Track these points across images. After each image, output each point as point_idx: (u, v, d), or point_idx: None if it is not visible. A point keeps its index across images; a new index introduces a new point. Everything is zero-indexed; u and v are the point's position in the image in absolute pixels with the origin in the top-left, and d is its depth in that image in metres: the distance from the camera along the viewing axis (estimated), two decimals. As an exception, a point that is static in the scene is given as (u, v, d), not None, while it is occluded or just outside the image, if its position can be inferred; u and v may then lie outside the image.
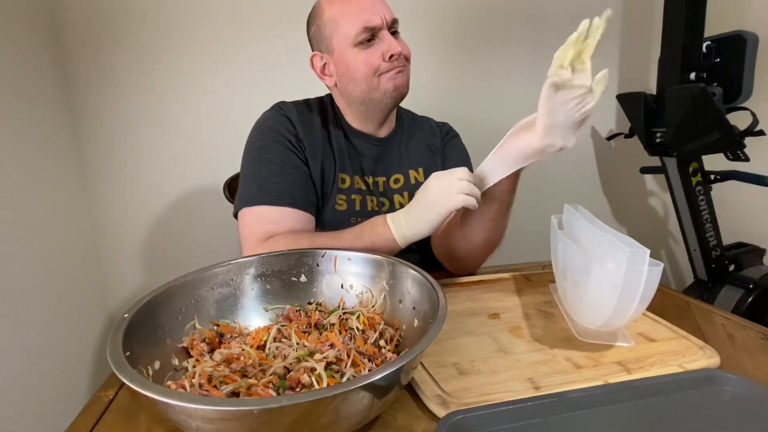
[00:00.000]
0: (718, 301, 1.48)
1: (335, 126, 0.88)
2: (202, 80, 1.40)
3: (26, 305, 1.09)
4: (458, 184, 0.65)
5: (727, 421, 0.45)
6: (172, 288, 0.54)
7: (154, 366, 0.46)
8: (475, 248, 0.80)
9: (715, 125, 1.35)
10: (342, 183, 0.85)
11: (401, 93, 0.83)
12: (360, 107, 0.85)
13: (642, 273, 0.50)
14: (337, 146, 0.86)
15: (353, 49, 0.79)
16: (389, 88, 0.81)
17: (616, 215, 1.90)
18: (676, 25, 1.41)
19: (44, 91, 1.23)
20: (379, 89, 0.81)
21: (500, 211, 0.74)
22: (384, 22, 0.79)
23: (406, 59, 0.82)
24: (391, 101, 0.83)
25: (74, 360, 1.26)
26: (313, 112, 0.88)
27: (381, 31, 0.79)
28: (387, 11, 0.80)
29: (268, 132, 0.83)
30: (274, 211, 0.77)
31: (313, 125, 0.86)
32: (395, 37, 0.81)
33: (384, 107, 0.84)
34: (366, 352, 0.51)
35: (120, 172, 1.40)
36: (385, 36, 0.79)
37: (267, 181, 0.79)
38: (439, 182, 0.67)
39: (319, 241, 0.72)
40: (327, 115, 0.88)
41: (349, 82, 0.82)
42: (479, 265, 0.86)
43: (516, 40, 1.62)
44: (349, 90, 0.83)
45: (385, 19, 0.78)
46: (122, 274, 1.46)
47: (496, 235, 0.79)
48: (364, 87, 0.81)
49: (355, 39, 0.78)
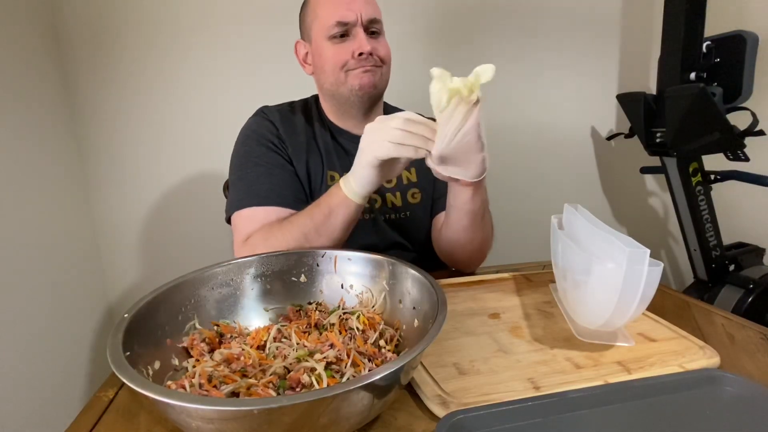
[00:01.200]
0: (718, 301, 1.48)
1: (320, 125, 0.89)
2: (203, 80, 1.40)
3: (26, 305, 1.09)
4: (390, 132, 0.60)
5: (727, 421, 0.45)
6: (172, 288, 0.54)
7: (154, 366, 0.46)
8: (465, 250, 0.82)
9: (715, 125, 1.35)
10: (332, 180, 0.86)
11: (367, 93, 0.82)
12: (332, 101, 0.87)
13: (642, 273, 0.50)
14: (323, 145, 0.87)
15: (327, 41, 0.80)
16: (354, 86, 0.81)
17: (616, 215, 1.90)
18: (676, 25, 1.41)
19: (44, 91, 1.23)
20: (346, 85, 0.81)
21: (473, 220, 0.75)
22: (359, 20, 0.79)
23: (381, 60, 0.82)
24: (357, 99, 0.83)
25: (74, 360, 1.26)
26: (296, 113, 0.89)
27: (355, 28, 0.79)
28: (366, 9, 0.79)
29: (252, 136, 0.85)
30: (260, 212, 0.78)
31: (296, 125, 0.87)
32: (374, 37, 0.82)
33: (352, 104, 0.84)
34: (366, 352, 0.51)
35: (120, 171, 1.40)
36: (358, 33, 0.79)
37: (254, 183, 0.80)
38: (372, 128, 0.63)
39: (286, 224, 0.72)
40: (311, 115, 0.90)
41: (321, 73, 0.84)
42: (477, 263, 0.87)
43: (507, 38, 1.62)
44: (321, 81, 0.85)
45: (360, 17, 0.78)
46: (122, 274, 1.46)
47: (480, 238, 0.80)
48: (332, 80, 0.82)
49: (329, 32, 0.79)
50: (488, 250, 0.86)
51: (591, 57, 1.71)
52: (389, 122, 0.61)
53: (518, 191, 1.72)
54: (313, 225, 0.69)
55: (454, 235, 0.79)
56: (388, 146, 0.60)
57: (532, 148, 1.72)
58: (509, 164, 1.69)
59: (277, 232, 0.72)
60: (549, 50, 1.65)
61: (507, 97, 1.63)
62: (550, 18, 1.63)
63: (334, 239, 0.70)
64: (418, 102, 0.95)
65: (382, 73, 0.83)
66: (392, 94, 0.93)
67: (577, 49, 1.69)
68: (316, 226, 0.69)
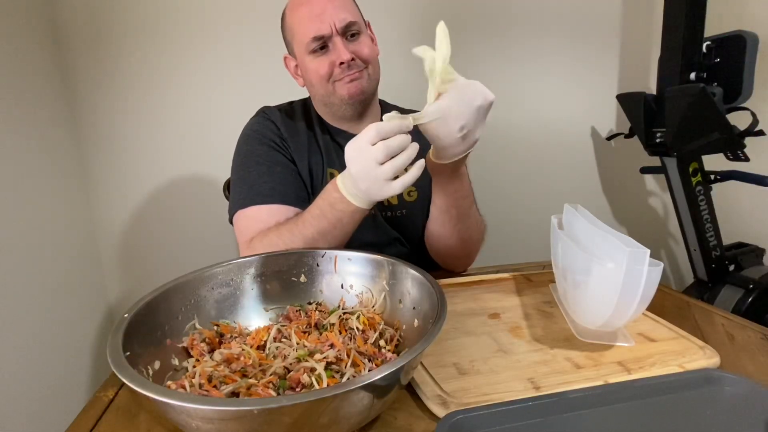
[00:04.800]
0: (718, 301, 1.48)
1: (319, 125, 0.89)
2: (203, 80, 1.40)
3: (26, 305, 1.09)
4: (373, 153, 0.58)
5: (727, 421, 0.45)
6: (172, 288, 0.54)
7: (154, 366, 0.46)
8: (447, 245, 0.83)
9: (715, 125, 1.35)
10: (331, 178, 0.86)
11: (357, 99, 0.82)
12: (325, 108, 0.88)
13: (642, 273, 0.50)
14: (323, 143, 0.87)
15: (308, 56, 0.80)
16: (344, 96, 0.81)
17: (616, 215, 1.90)
18: (676, 25, 1.41)
19: (44, 91, 1.23)
20: (335, 95, 0.82)
21: (453, 213, 0.77)
22: (333, 29, 0.78)
23: (365, 61, 0.81)
24: (348, 106, 0.84)
25: (74, 360, 1.26)
26: (296, 113, 0.90)
27: (332, 38, 0.78)
28: (338, 16, 0.78)
29: (253, 136, 0.85)
30: (264, 210, 0.78)
31: (297, 125, 0.88)
32: (354, 39, 0.81)
33: (345, 111, 0.85)
34: (366, 352, 0.51)
35: (120, 171, 1.40)
36: (336, 43, 0.78)
37: (257, 182, 0.80)
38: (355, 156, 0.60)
39: (286, 227, 0.72)
40: (311, 115, 0.90)
41: (311, 87, 0.85)
42: (463, 260, 0.88)
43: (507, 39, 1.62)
44: (312, 92, 0.87)
45: (334, 27, 0.77)
46: (122, 274, 1.46)
47: (463, 233, 0.81)
48: (322, 92, 0.83)
49: (307, 47, 0.79)
50: (475, 250, 0.87)
51: (591, 57, 1.71)
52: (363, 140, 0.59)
53: (518, 191, 1.72)
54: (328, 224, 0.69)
55: (436, 227, 0.81)
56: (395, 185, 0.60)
57: (531, 148, 1.71)
58: (509, 164, 1.69)
59: (288, 231, 0.71)
60: (549, 50, 1.65)
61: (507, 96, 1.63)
62: (550, 18, 1.63)
63: (342, 241, 0.71)
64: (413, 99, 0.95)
65: (368, 74, 0.82)
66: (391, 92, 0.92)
67: (577, 49, 1.69)
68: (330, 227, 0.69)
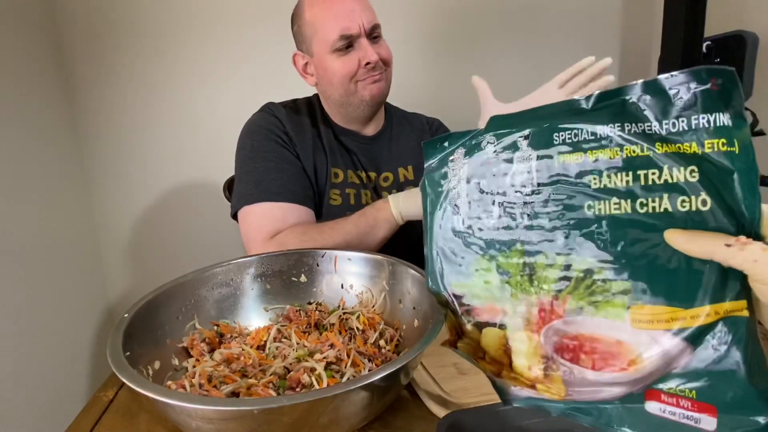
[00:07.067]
0: (718, 301, 1.48)
1: (324, 124, 0.89)
2: (203, 80, 1.40)
3: (26, 305, 1.09)
4: None
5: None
6: (172, 288, 0.54)
7: (154, 366, 0.46)
8: None
9: (715, 125, 1.35)
10: (335, 177, 0.86)
11: (378, 101, 0.84)
12: (340, 108, 0.87)
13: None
14: (327, 142, 0.87)
15: (331, 54, 0.79)
16: (365, 97, 0.82)
17: (616, 215, 1.90)
18: (676, 25, 1.41)
19: (44, 91, 1.23)
20: (356, 95, 0.82)
21: None
22: (362, 30, 0.78)
23: (385, 63, 0.82)
24: (366, 107, 0.84)
25: (74, 360, 1.26)
26: (301, 111, 0.89)
27: (359, 39, 0.79)
28: (366, 17, 0.79)
29: (260, 131, 0.83)
30: (275, 208, 0.77)
31: (302, 123, 0.87)
32: (376, 41, 0.81)
33: (361, 111, 0.85)
34: (366, 352, 0.51)
35: (120, 171, 1.40)
36: (362, 43, 0.79)
37: (264, 178, 0.79)
38: None
39: (327, 228, 0.73)
40: (315, 114, 0.89)
41: (328, 85, 0.84)
42: None
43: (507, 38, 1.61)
44: (328, 92, 0.85)
45: (363, 27, 0.78)
46: (122, 274, 1.46)
47: None
48: (342, 91, 0.82)
49: (333, 46, 0.78)
50: None
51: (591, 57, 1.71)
52: None
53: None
54: (357, 233, 0.71)
55: None
56: None
57: (532, 148, 1.71)
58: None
59: (317, 236, 0.72)
60: (549, 50, 1.65)
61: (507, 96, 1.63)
62: (550, 18, 1.63)
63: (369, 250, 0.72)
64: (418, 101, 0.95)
65: (387, 77, 0.84)
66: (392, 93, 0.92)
67: (577, 49, 1.68)
68: (360, 236, 0.71)
